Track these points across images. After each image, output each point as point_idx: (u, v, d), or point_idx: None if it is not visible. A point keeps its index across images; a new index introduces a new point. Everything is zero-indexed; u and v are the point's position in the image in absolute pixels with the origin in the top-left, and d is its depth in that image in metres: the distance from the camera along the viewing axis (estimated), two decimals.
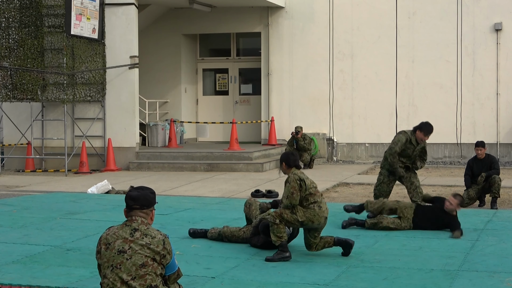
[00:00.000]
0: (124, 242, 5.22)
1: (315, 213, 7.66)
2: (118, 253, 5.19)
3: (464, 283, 6.79)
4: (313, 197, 7.70)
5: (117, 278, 5.14)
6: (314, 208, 7.66)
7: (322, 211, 7.71)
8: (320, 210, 7.69)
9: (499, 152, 19.35)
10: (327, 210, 7.82)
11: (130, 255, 5.19)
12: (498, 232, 9.45)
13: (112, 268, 5.17)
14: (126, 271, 5.15)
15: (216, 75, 22.83)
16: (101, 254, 5.27)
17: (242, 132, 21.12)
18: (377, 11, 20.04)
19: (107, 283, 5.16)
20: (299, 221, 7.67)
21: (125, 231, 5.28)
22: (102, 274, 5.29)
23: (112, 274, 5.16)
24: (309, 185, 7.72)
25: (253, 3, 20.45)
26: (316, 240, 7.87)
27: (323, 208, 7.72)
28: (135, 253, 5.20)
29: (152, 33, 21.75)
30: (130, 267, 5.16)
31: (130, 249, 5.19)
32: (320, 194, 7.82)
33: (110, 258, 5.20)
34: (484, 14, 19.40)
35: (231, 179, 16.07)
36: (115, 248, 5.20)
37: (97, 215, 10.84)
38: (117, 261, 5.18)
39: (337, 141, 20.48)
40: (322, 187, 14.74)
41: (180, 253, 8.08)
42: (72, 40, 17.50)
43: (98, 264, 5.35)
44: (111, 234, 5.30)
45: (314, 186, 7.82)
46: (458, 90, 19.51)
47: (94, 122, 18.61)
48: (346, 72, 20.32)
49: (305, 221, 7.67)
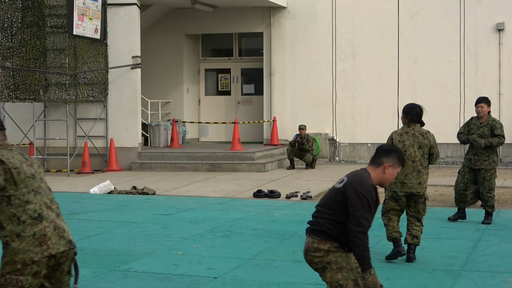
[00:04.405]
0: (29, 166, 4.60)
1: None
2: (32, 177, 4.57)
3: (466, 283, 6.78)
4: None
5: (42, 203, 4.58)
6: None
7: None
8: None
9: (501, 152, 19.33)
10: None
11: (40, 178, 4.65)
12: (500, 232, 9.45)
13: (35, 193, 4.55)
14: (46, 195, 4.64)
15: (218, 75, 22.83)
16: (14, 179, 4.47)
17: (244, 132, 21.12)
18: (379, 11, 20.03)
19: (34, 208, 4.50)
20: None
21: (17, 154, 4.62)
22: (15, 203, 4.47)
23: (36, 199, 4.55)
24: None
25: (255, 3, 20.45)
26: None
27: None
28: (42, 176, 4.68)
29: (154, 33, 21.76)
30: (46, 190, 4.66)
31: (36, 172, 4.64)
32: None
33: (28, 183, 4.52)
34: (487, 14, 19.38)
35: (233, 179, 16.07)
36: (27, 173, 4.56)
37: (99, 215, 10.84)
38: (35, 185, 4.58)
39: (339, 141, 20.47)
40: (324, 187, 14.75)
41: (182, 253, 8.09)
42: (74, 40, 17.51)
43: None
44: (11, 158, 4.53)
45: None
46: (460, 90, 19.50)
47: (96, 122, 18.62)
48: (348, 72, 20.31)
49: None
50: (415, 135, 7.95)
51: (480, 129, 10.14)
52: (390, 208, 8.02)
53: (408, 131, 7.98)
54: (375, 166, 4.93)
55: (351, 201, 4.72)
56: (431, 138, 7.96)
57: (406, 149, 7.91)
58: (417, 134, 7.94)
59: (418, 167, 7.90)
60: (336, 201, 4.82)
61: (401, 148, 7.88)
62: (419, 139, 7.90)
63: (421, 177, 7.91)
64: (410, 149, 7.92)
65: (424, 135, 7.92)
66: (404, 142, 7.95)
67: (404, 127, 8.07)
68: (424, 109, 8.18)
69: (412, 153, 7.90)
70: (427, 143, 7.89)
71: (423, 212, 8.00)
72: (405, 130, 8.01)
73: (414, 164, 7.91)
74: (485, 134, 10.10)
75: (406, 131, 7.99)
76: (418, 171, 7.90)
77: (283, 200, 13.06)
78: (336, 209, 4.81)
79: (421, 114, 8.03)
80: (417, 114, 7.98)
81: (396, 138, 8.03)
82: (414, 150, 7.91)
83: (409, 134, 7.95)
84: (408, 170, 7.89)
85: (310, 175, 17.04)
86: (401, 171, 7.82)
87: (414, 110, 8.00)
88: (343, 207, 4.76)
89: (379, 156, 4.96)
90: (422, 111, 8.07)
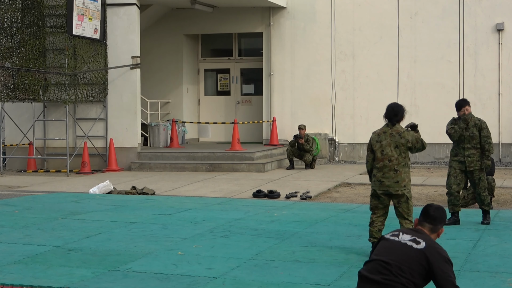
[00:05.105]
0: None
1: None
2: None
3: (466, 283, 6.78)
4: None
5: None
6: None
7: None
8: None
9: (501, 152, 19.35)
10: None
11: None
12: (500, 232, 9.45)
13: None
14: None
15: (218, 75, 22.82)
16: None
17: (243, 132, 21.12)
18: (379, 11, 20.03)
19: None
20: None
21: None
22: None
23: None
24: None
25: (255, 3, 20.45)
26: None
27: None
28: None
29: (153, 33, 21.76)
30: None
31: None
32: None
33: None
34: (486, 14, 19.38)
35: (232, 180, 16.07)
36: None
37: (99, 216, 10.84)
38: None
39: (338, 141, 20.47)
40: (323, 187, 14.75)
41: (182, 253, 8.09)
42: (74, 41, 17.51)
43: None
44: None
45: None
46: (460, 90, 19.50)
47: (96, 122, 18.62)
48: (348, 72, 20.32)
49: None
50: (393, 134, 8.05)
51: (469, 130, 10.15)
52: (373, 206, 8.20)
53: (386, 130, 8.10)
54: (431, 232, 5.15)
55: (442, 267, 4.88)
56: (408, 136, 8.02)
57: (383, 149, 8.05)
58: (394, 134, 8.05)
59: (394, 166, 7.99)
60: (418, 262, 4.89)
61: (379, 147, 8.05)
62: (396, 139, 8.00)
63: (398, 176, 8.00)
64: (387, 148, 8.04)
65: (401, 134, 8.02)
66: (381, 142, 8.07)
67: (383, 127, 8.19)
68: (405, 109, 8.19)
69: (389, 152, 8.02)
70: (404, 142, 7.98)
71: (407, 210, 8.09)
72: (383, 130, 8.15)
73: (391, 163, 8.01)
74: (474, 134, 10.12)
75: (384, 131, 8.13)
76: (395, 170, 7.99)
77: (282, 200, 13.06)
78: (416, 270, 4.89)
79: (398, 114, 8.07)
80: (395, 114, 8.08)
81: (374, 138, 8.18)
82: (391, 149, 8.02)
83: (386, 133, 8.07)
84: (385, 170, 8.03)
85: (309, 175, 17.04)
86: (379, 170, 8.03)
87: (391, 111, 8.11)
88: (422, 269, 4.81)
89: (435, 223, 5.13)
90: (400, 111, 8.09)
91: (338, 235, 9.23)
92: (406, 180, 8.04)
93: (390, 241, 5.03)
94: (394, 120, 8.07)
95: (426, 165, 19.48)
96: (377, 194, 8.12)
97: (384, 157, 8.02)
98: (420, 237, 4.90)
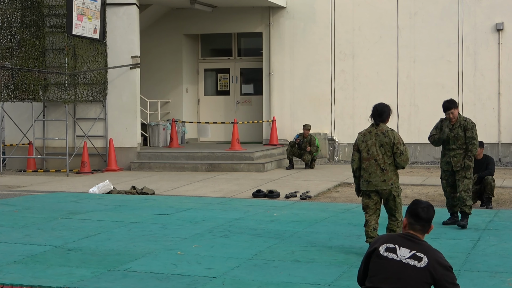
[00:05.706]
0: None
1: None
2: None
3: (465, 283, 6.78)
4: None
5: None
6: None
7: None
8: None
9: (500, 152, 19.35)
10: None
11: None
12: (499, 232, 9.45)
13: None
14: None
15: (217, 75, 22.82)
16: None
17: (243, 132, 21.12)
18: (379, 11, 20.03)
19: None
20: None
21: None
22: None
23: None
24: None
25: (255, 3, 20.44)
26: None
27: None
28: None
29: (153, 33, 21.76)
30: None
31: None
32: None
33: None
34: (486, 14, 19.38)
35: (232, 179, 16.07)
36: None
37: (99, 215, 10.84)
38: None
39: (338, 141, 20.47)
40: (323, 187, 14.75)
41: (182, 253, 8.09)
42: (73, 40, 17.51)
43: None
44: None
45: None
46: (459, 90, 19.50)
47: (95, 122, 18.62)
48: (348, 72, 20.31)
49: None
50: (377, 134, 8.14)
51: (453, 131, 10.09)
52: (365, 204, 8.28)
53: (371, 130, 8.19)
54: (422, 234, 4.96)
55: (447, 278, 4.77)
56: (392, 136, 8.07)
57: (369, 148, 8.14)
58: (379, 133, 8.14)
59: (381, 165, 8.08)
60: (424, 281, 4.76)
61: (364, 147, 8.15)
62: (380, 138, 8.09)
63: (385, 175, 8.08)
64: (372, 148, 8.12)
65: (385, 133, 8.11)
66: (367, 142, 8.16)
67: (368, 127, 8.29)
68: (391, 110, 8.28)
69: (374, 152, 8.11)
70: (388, 141, 8.06)
71: (395, 208, 8.17)
72: (368, 130, 8.24)
73: (377, 162, 8.09)
74: (459, 135, 10.08)
75: (369, 131, 8.22)
76: (382, 169, 8.08)
77: (282, 200, 13.06)
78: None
79: (383, 114, 8.17)
80: (379, 115, 8.18)
81: (360, 138, 8.26)
82: (376, 149, 8.10)
83: (372, 133, 8.17)
84: (371, 169, 8.11)
85: (309, 175, 17.04)
86: (365, 170, 8.12)
87: (375, 111, 8.21)
88: (427, 287, 4.77)
89: (427, 224, 4.96)
90: (385, 111, 8.19)
91: (337, 235, 9.23)
92: (394, 178, 8.13)
93: (389, 261, 4.78)
94: (378, 120, 8.18)
95: (426, 165, 19.48)
96: (367, 192, 8.23)
97: (370, 156, 8.12)
98: (419, 250, 4.74)
